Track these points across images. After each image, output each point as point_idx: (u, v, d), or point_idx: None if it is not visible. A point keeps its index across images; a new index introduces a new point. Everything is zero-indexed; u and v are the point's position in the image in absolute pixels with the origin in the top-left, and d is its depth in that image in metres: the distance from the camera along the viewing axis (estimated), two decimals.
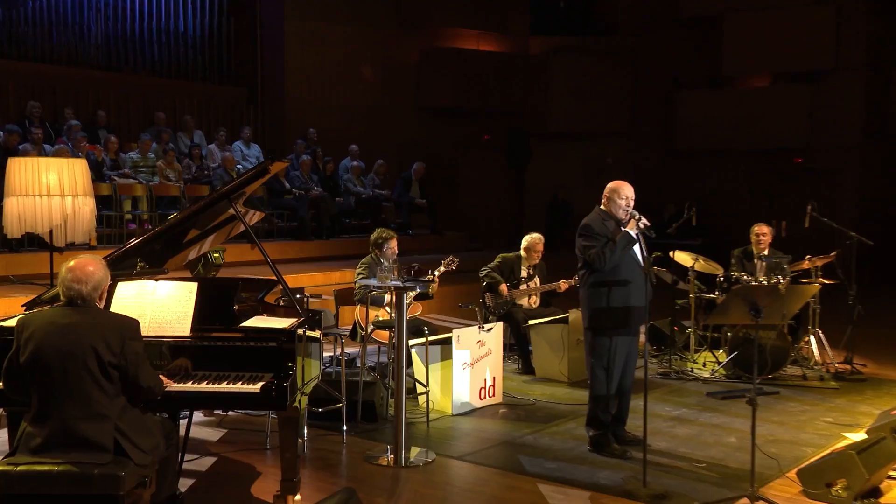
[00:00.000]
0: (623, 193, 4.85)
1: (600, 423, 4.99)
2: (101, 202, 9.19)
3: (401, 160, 14.21)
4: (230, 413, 5.64)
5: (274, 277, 4.29)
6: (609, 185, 4.95)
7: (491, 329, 6.20)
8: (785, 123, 15.47)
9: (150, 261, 4.56)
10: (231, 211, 4.48)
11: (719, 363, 7.09)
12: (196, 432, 5.13)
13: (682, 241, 7.92)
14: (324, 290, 7.95)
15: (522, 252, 7.32)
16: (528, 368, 7.14)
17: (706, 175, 16.28)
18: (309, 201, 11.45)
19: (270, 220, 11.01)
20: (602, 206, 4.98)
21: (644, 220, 4.74)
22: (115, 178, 10.10)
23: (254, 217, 4.96)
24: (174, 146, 11.29)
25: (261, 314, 4.18)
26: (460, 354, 5.90)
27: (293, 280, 8.54)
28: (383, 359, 6.49)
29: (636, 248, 4.84)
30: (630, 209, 4.81)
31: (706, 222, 11.65)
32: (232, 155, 11.24)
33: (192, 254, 5.05)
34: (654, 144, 16.93)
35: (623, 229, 4.80)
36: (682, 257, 7.52)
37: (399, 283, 4.76)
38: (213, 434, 5.30)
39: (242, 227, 4.89)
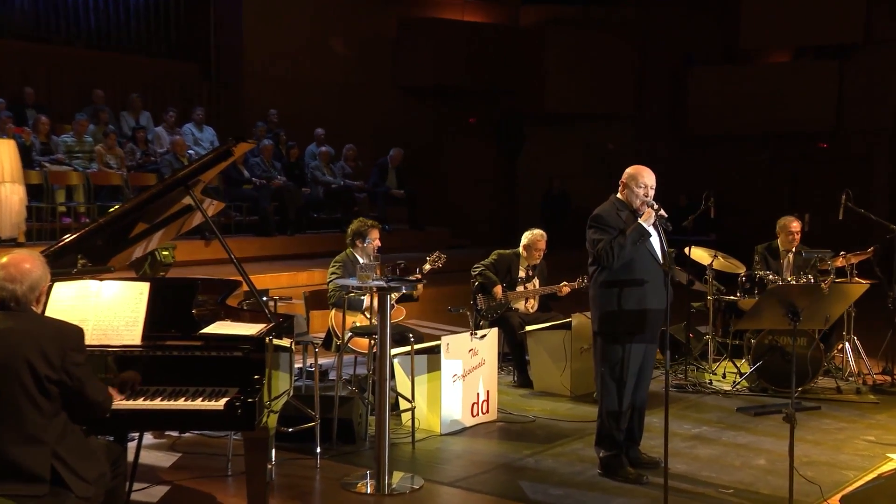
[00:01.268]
0: (642, 181, 4.81)
1: (613, 443, 4.95)
2: (31, 192, 9.04)
3: (376, 145, 14.14)
4: (184, 434, 5.54)
5: (234, 278, 4.21)
6: (627, 171, 4.92)
7: (484, 336, 6.14)
8: (809, 104, 15.57)
9: (92, 258, 4.46)
10: (187, 200, 4.39)
11: (741, 374, 7.08)
12: (145, 457, 5.03)
13: (696, 236, 7.91)
14: (289, 292, 7.88)
15: (522, 250, 7.28)
16: (524, 381, 7.11)
17: (721, 163, 16.35)
18: (271, 192, 11.38)
19: (227, 213, 10.90)
20: (618, 195, 4.94)
21: (662, 212, 4.69)
22: (47, 164, 9.97)
23: (211, 208, 4.87)
24: (115, 128, 11.18)
25: (223, 319, 4.11)
26: (450, 365, 5.85)
27: (254, 281, 8.44)
28: (362, 370, 6.43)
29: (654, 242, 4.80)
30: (649, 199, 4.77)
31: (722, 215, 11.68)
32: (182, 139, 11.12)
33: (138, 252, 4.97)
34: (662, 128, 16.97)
35: (637, 220, 4.76)
36: (699, 254, 7.50)
37: (382, 283, 4.69)
38: (166, 459, 5.21)
39: (196, 221, 4.83)
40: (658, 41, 16.83)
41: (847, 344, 7.29)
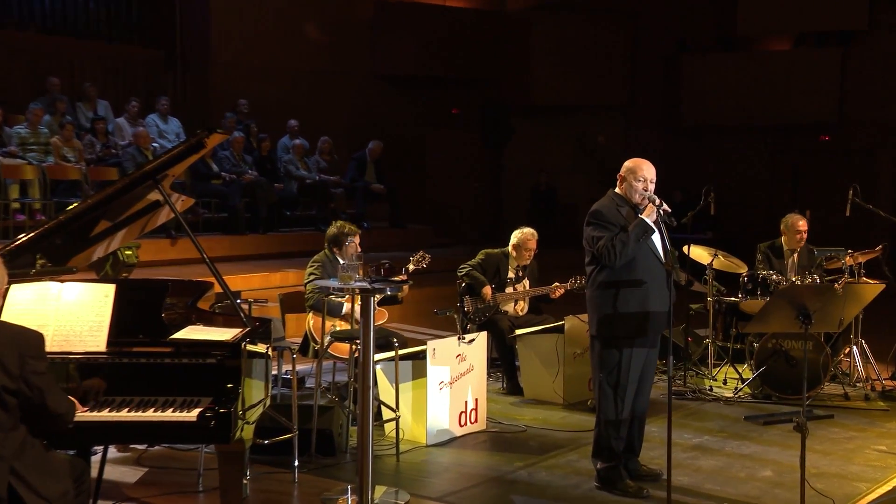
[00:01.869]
0: (641, 174, 4.82)
1: (611, 454, 4.93)
2: None
3: (353, 138, 14.12)
4: (151, 448, 5.49)
5: (203, 279, 4.17)
6: (626, 164, 4.92)
7: (473, 340, 6.12)
8: (810, 95, 15.65)
9: (51, 258, 4.40)
10: (154, 196, 4.35)
11: (744, 380, 7.09)
12: (110, 472, 4.98)
13: (693, 234, 7.92)
14: (262, 294, 7.84)
15: (511, 249, 7.27)
16: (514, 388, 7.11)
17: (717, 156, 16.42)
18: (242, 187, 11.35)
19: (195, 210, 10.83)
20: (617, 190, 4.95)
21: (665, 206, 4.69)
22: None
23: (180, 203, 4.82)
24: (73, 119, 11.10)
25: (194, 324, 4.08)
26: (436, 371, 5.83)
27: None
28: (342, 377, 6.39)
29: (656, 240, 4.80)
30: (649, 193, 4.76)
31: (719, 212, 11.75)
32: (146, 130, 11.03)
33: (99, 251, 4.92)
34: (655, 120, 17.02)
35: (639, 216, 4.75)
36: (698, 253, 7.51)
37: (366, 285, 4.64)
38: (131, 474, 5.16)
39: (162, 219, 4.78)
40: (650, 27, 16.87)
41: (854, 348, 7.31)
